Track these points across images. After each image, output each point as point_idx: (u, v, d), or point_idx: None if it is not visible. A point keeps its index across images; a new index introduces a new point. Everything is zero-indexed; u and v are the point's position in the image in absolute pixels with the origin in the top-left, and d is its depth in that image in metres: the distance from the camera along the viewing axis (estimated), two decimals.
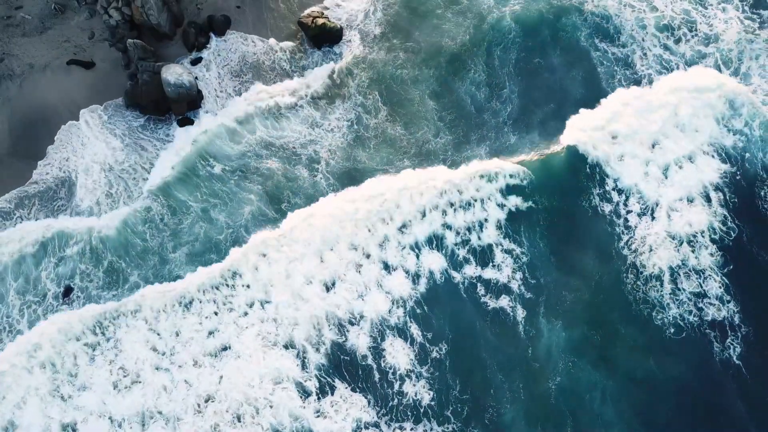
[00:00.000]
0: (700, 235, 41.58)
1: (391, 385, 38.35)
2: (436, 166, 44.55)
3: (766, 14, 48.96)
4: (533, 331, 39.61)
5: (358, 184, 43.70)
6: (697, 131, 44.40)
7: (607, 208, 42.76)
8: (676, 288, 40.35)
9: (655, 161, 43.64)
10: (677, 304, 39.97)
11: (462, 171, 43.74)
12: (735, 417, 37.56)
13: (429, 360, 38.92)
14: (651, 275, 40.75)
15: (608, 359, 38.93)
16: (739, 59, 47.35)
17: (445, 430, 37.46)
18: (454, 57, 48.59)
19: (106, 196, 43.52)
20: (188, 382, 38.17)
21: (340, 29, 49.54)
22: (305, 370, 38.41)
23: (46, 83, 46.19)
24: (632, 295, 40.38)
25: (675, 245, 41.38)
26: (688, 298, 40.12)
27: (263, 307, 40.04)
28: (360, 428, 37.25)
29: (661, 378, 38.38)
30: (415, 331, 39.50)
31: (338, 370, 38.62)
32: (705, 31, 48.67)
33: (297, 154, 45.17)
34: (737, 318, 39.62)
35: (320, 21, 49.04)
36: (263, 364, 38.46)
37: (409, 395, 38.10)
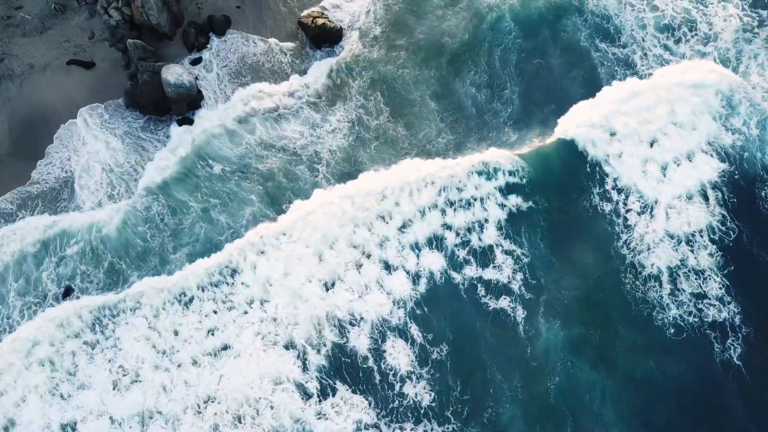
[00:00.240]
0: (699, 235, 41.59)
1: (392, 387, 38.32)
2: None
3: (765, 13, 48.94)
4: (532, 331, 39.59)
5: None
6: (695, 129, 44.43)
7: (607, 207, 42.69)
8: (676, 288, 40.36)
9: (653, 159, 43.65)
10: (677, 305, 39.98)
11: (459, 161, 43.92)
12: (735, 417, 37.58)
13: (429, 361, 38.90)
14: (650, 275, 40.76)
15: (608, 359, 38.93)
16: (737, 58, 47.33)
17: (445, 430, 37.47)
18: (454, 57, 48.57)
19: (108, 197, 43.51)
20: (188, 382, 38.15)
21: (340, 29, 49.51)
22: (306, 371, 38.38)
23: (46, 83, 46.14)
24: (632, 295, 40.37)
25: (673, 244, 41.41)
26: (688, 298, 40.14)
27: (263, 306, 40.03)
28: (360, 429, 37.27)
29: (661, 378, 38.38)
30: (416, 332, 39.47)
31: (339, 372, 38.59)
32: (705, 30, 48.66)
33: (297, 155, 45.11)
34: (738, 319, 39.62)
35: (320, 21, 49.02)
36: (263, 364, 38.43)
37: (410, 396, 38.09)
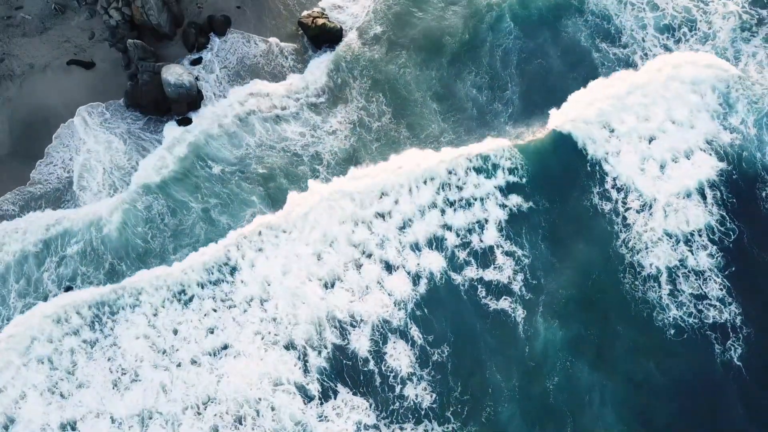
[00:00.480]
0: (698, 234, 41.59)
1: (393, 389, 38.29)
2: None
3: (765, 12, 48.93)
4: (532, 331, 39.57)
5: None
6: (693, 127, 44.46)
7: (607, 206, 42.66)
8: (675, 289, 40.34)
9: (652, 157, 43.67)
10: (677, 305, 39.97)
11: (460, 150, 44.19)
12: (735, 418, 37.58)
13: (430, 362, 38.87)
14: (649, 275, 40.74)
15: (608, 360, 38.94)
16: (736, 57, 47.27)
17: (445, 430, 37.50)
18: (455, 58, 48.50)
19: (109, 197, 43.40)
20: (187, 382, 38.12)
21: (340, 29, 49.44)
22: (307, 373, 38.35)
23: (46, 83, 46.14)
24: (631, 296, 40.34)
25: (672, 244, 41.39)
26: (688, 299, 40.13)
27: (262, 305, 39.99)
28: (361, 430, 37.27)
29: (662, 379, 38.38)
30: (416, 334, 39.41)
31: (339, 374, 38.56)
32: (704, 29, 48.64)
33: (298, 155, 45.01)
34: (738, 320, 39.58)
35: (320, 21, 48.99)
36: (263, 364, 38.39)
37: (410, 398, 38.07)
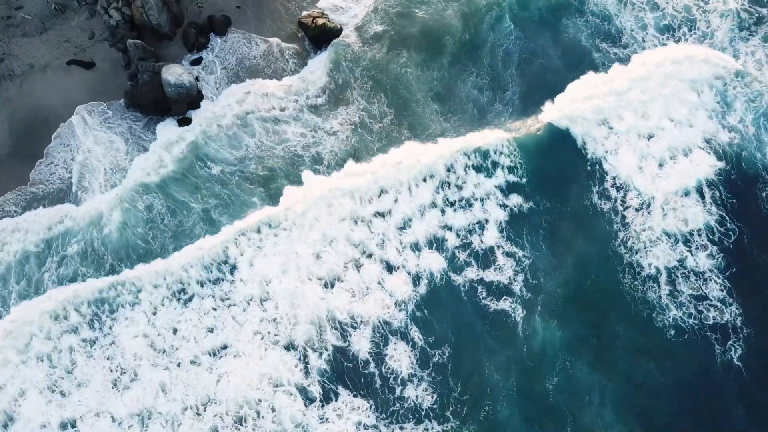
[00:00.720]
0: (697, 234, 41.62)
1: (393, 390, 38.25)
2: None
3: (765, 11, 48.98)
4: (531, 331, 39.60)
5: None
6: (692, 126, 44.55)
7: (606, 205, 42.73)
8: (675, 289, 40.37)
9: (651, 154, 43.76)
10: (676, 306, 39.99)
11: (453, 142, 44.39)
12: (736, 418, 37.64)
13: (431, 364, 38.86)
14: (649, 275, 40.78)
15: (608, 360, 38.99)
16: (735, 56, 47.28)
17: (445, 429, 37.52)
18: (455, 58, 48.52)
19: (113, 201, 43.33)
20: (187, 382, 38.05)
21: (340, 29, 49.40)
22: (307, 374, 38.30)
23: (46, 83, 46.11)
24: (631, 296, 40.39)
25: (671, 244, 41.40)
26: (687, 299, 40.16)
27: (262, 305, 39.94)
28: (360, 430, 37.30)
29: (662, 379, 38.44)
30: (417, 335, 39.38)
31: (340, 375, 38.52)
32: (702, 28, 48.71)
33: (299, 156, 44.93)
34: (738, 320, 39.63)
35: (320, 21, 48.98)
36: (263, 364, 38.32)
37: (411, 399, 38.06)
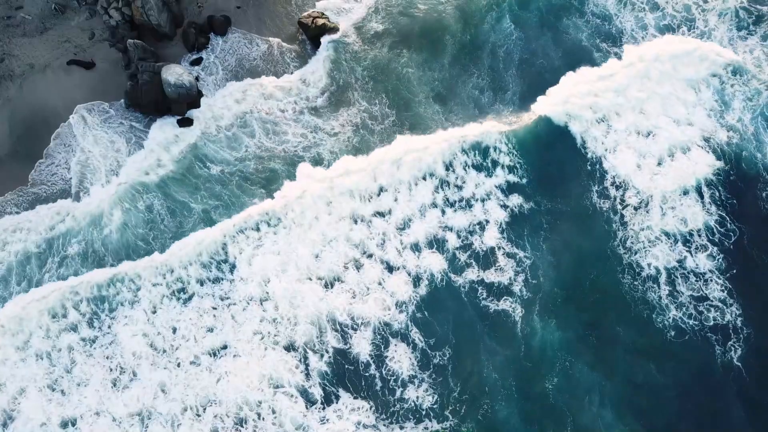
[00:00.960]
0: (697, 235, 41.67)
1: (393, 392, 38.27)
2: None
3: (765, 9, 49.05)
4: (530, 332, 39.68)
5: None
6: (691, 124, 44.65)
7: (606, 204, 42.84)
8: (674, 290, 40.42)
9: (649, 152, 43.88)
10: (676, 306, 40.04)
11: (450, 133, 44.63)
12: (736, 419, 37.72)
13: (431, 365, 38.88)
14: (648, 276, 40.83)
15: (608, 360, 39.07)
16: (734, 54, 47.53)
17: (444, 428, 37.50)
18: (455, 59, 48.54)
19: (108, 195, 43.29)
20: (187, 382, 38.02)
21: (339, 30, 49.37)
22: (308, 376, 38.29)
23: (46, 83, 46.06)
24: (631, 296, 40.48)
25: (671, 244, 41.44)
26: (687, 300, 40.22)
27: (261, 304, 39.91)
28: (360, 429, 37.33)
29: (662, 379, 38.52)
30: (417, 336, 39.39)
31: (341, 378, 38.52)
32: (701, 27, 48.79)
33: (299, 157, 44.88)
34: (739, 321, 39.70)
35: (320, 21, 48.95)
36: (263, 365, 38.29)
37: (411, 400, 38.08)
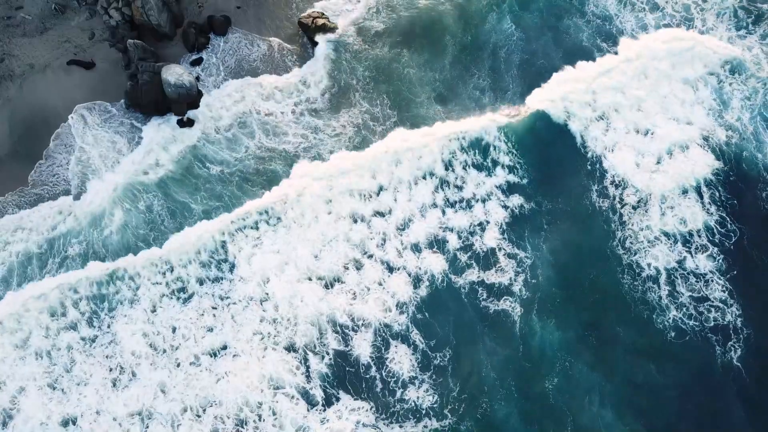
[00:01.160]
0: (697, 235, 41.67)
1: (394, 393, 38.27)
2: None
3: (764, 7, 49.06)
4: (530, 332, 39.70)
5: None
6: (690, 124, 44.66)
7: (605, 204, 42.88)
8: (674, 290, 40.42)
9: (648, 150, 43.94)
10: (676, 307, 40.05)
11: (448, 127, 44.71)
12: (736, 419, 37.73)
13: (431, 366, 38.88)
14: (648, 276, 40.82)
15: (608, 361, 39.08)
16: None
17: (443, 426, 37.51)
18: (456, 59, 48.56)
19: (108, 195, 43.29)
20: (187, 382, 38.05)
21: (340, 29, 49.39)
22: (308, 378, 38.29)
23: (46, 83, 46.08)
24: (631, 297, 40.49)
25: (670, 245, 41.44)
26: (687, 300, 40.22)
27: (261, 304, 39.92)
28: (360, 429, 37.35)
29: (662, 380, 38.52)
30: (417, 337, 39.39)
31: (341, 379, 38.53)
32: (699, 26, 48.82)
33: (300, 157, 44.87)
34: (739, 321, 39.71)
35: (320, 21, 48.97)
36: (263, 366, 38.27)
37: (411, 400, 38.08)
